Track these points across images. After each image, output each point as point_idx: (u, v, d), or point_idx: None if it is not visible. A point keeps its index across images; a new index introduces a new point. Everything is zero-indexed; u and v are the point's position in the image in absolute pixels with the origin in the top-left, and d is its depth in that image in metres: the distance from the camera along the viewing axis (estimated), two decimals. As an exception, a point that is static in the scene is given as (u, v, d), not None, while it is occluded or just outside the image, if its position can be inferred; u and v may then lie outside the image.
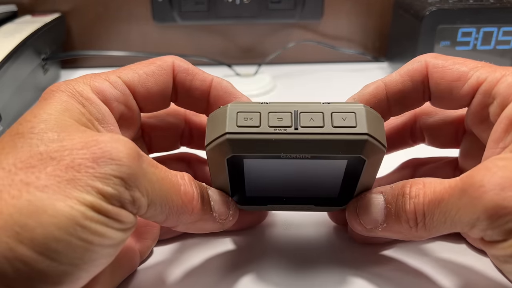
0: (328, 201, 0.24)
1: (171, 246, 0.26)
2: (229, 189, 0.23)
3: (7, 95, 0.40)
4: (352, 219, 0.22)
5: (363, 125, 0.19)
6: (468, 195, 0.17)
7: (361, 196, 0.22)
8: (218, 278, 0.24)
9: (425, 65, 0.22)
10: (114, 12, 0.55)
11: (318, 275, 0.24)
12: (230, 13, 0.54)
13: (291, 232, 0.27)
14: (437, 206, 0.19)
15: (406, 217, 0.20)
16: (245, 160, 0.21)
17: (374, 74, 0.55)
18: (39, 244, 0.14)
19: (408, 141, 0.27)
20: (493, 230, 0.17)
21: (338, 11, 0.56)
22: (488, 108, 0.21)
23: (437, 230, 0.19)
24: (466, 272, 0.24)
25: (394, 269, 0.24)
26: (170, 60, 0.23)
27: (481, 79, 0.21)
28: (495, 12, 0.45)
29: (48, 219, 0.14)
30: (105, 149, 0.16)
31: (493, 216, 0.17)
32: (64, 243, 0.15)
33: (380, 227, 0.21)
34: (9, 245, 0.14)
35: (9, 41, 0.43)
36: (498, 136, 0.19)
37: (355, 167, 0.21)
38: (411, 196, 0.20)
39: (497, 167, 0.17)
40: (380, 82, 0.23)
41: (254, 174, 0.22)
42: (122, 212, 0.17)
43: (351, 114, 0.19)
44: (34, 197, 0.15)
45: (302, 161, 0.21)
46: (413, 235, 0.20)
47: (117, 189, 0.16)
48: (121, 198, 0.16)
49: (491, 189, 0.17)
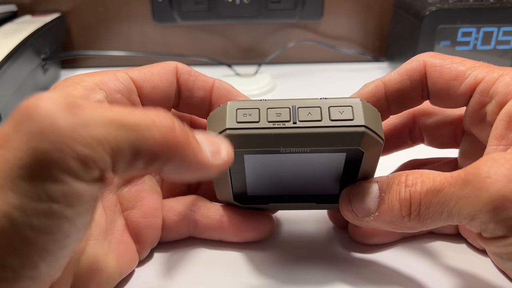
0: (329, 199, 0.24)
1: (172, 247, 0.26)
2: (231, 187, 0.23)
3: (7, 95, 0.40)
4: (344, 206, 0.22)
5: (360, 118, 0.20)
6: (471, 185, 0.17)
7: (356, 184, 0.22)
8: (217, 274, 0.24)
9: (424, 64, 0.22)
10: (114, 12, 0.55)
11: (317, 273, 0.24)
12: (230, 13, 0.54)
13: (292, 229, 0.27)
14: (435, 196, 0.18)
15: (400, 205, 0.19)
16: (245, 156, 0.21)
17: (374, 74, 0.55)
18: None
19: (407, 141, 0.27)
20: (496, 224, 0.16)
21: (338, 11, 0.56)
22: (485, 107, 0.21)
23: (431, 221, 0.19)
24: (466, 272, 0.24)
25: (394, 268, 0.24)
26: (173, 63, 0.24)
27: (479, 79, 0.21)
28: (495, 12, 0.45)
29: None
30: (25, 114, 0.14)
31: (498, 208, 0.16)
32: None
33: (372, 216, 0.21)
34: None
35: (9, 41, 0.43)
36: (499, 134, 0.19)
37: (354, 161, 0.21)
38: (407, 184, 0.19)
39: (505, 159, 0.17)
40: (379, 81, 0.23)
41: (255, 170, 0.22)
42: (65, 188, 0.14)
43: (348, 108, 0.20)
44: None
45: (302, 156, 0.21)
46: (405, 226, 0.20)
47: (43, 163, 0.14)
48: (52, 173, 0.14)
49: (499, 180, 0.16)
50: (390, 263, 0.25)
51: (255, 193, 0.24)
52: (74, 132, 0.14)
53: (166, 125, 0.16)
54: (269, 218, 0.26)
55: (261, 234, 0.26)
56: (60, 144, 0.14)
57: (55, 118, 0.14)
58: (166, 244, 0.26)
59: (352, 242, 0.26)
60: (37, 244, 0.15)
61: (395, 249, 0.26)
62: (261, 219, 0.25)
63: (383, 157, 0.28)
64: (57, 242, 0.15)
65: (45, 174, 0.14)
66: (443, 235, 0.26)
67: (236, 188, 0.23)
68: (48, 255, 0.15)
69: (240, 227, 0.25)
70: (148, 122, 0.16)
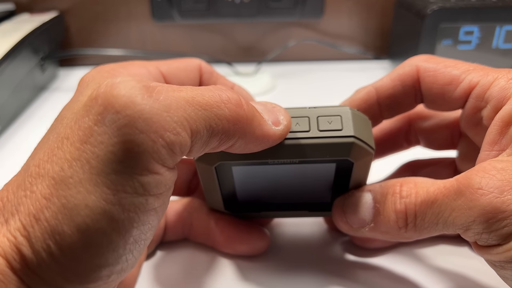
0: (321, 207, 0.24)
1: (173, 247, 0.26)
2: (221, 199, 0.23)
3: (5, 94, 0.40)
4: (338, 218, 0.22)
5: (349, 128, 0.19)
6: (464, 197, 0.17)
7: (348, 194, 0.22)
8: (211, 280, 0.24)
9: (416, 69, 0.22)
10: (113, 10, 0.55)
11: (317, 278, 0.24)
12: (230, 12, 0.53)
13: (290, 232, 0.27)
14: (429, 207, 0.18)
15: (396, 217, 0.19)
16: (233, 167, 0.21)
17: (375, 73, 0.54)
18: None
19: (403, 144, 0.27)
20: (489, 234, 0.17)
21: (339, 10, 0.55)
22: (481, 112, 0.21)
23: (428, 231, 0.19)
24: (468, 275, 0.24)
25: (395, 272, 0.24)
26: (197, 61, 0.24)
27: (473, 83, 0.20)
28: (497, 11, 0.45)
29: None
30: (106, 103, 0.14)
31: (491, 219, 0.16)
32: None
33: (367, 227, 0.21)
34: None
35: (6, 40, 0.42)
36: (492, 139, 0.19)
37: (344, 171, 0.21)
38: (401, 195, 0.19)
39: (496, 170, 0.17)
40: (371, 87, 0.23)
41: (244, 181, 0.22)
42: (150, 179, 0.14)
43: (336, 117, 0.20)
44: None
45: (291, 166, 0.20)
46: (402, 236, 0.20)
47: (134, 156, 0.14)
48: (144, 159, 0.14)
49: (490, 191, 0.16)
50: (391, 266, 0.24)
51: (246, 201, 0.23)
52: (160, 118, 0.14)
53: (235, 102, 0.16)
54: (263, 234, 0.25)
55: (253, 249, 0.25)
56: (150, 133, 0.14)
57: (139, 106, 0.14)
58: (164, 245, 0.26)
59: (352, 245, 0.26)
60: (131, 238, 0.14)
61: (397, 252, 0.25)
62: (254, 234, 0.25)
63: (380, 159, 0.27)
64: (144, 234, 0.15)
65: (140, 166, 0.14)
66: (444, 238, 0.26)
67: (226, 197, 0.23)
68: (135, 249, 0.15)
69: (231, 238, 0.24)
70: (218, 100, 0.16)
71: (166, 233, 0.25)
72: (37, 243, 0.14)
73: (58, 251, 0.14)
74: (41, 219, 0.14)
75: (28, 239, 0.14)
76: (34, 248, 0.14)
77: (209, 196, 0.23)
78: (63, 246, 0.13)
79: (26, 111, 0.45)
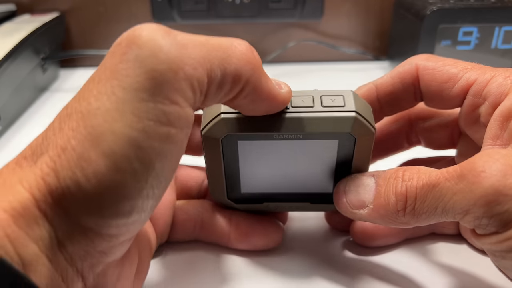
0: (324, 198, 0.24)
1: (176, 247, 0.26)
2: (224, 182, 0.23)
3: (6, 95, 0.40)
4: (338, 197, 0.22)
5: (351, 105, 0.21)
6: (466, 180, 0.17)
7: (351, 176, 0.22)
8: (219, 279, 0.24)
9: (416, 67, 0.22)
10: (114, 11, 0.55)
11: (319, 276, 0.24)
12: (230, 13, 0.54)
13: (292, 231, 0.27)
14: (430, 190, 0.18)
15: (395, 199, 0.19)
16: (239, 142, 0.21)
17: (374, 73, 0.54)
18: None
19: (404, 144, 0.27)
20: (489, 219, 0.16)
21: (338, 10, 0.55)
22: (479, 109, 0.21)
23: (426, 217, 0.19)
24: (468, 273, 0.24)
25: (396, 270, 0.24)
26: None
27: (471, 81, 0.21)
28: (496, 11, 0.45)
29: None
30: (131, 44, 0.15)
31: (492, 202, 0.16)
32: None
33: (366, 209, 0.21)
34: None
35: (8, 41, 0.43)
36: (494, 133, 0.19)
37: (347, 150, 0.21)
38: (404, 179, 0.19)
39: (500, 155, 0.17)
40: (371, 84, 0.24)
41: (248, 160, 0.22)
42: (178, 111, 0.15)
43: (339, 97, 0.21)
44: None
45: (295, 144, 0.21)
46: (399, 221, 0.20)
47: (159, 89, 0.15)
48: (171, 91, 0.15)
49: (493, 174, 0.16)
50: (392, 265, 0.24)
51: (249, 189, 0.24)
52: (179, 53, 0.15)
53: (245, 46, 0.18)
54: (278, 226, 0.25)
55: (269, 242, 0.25)
56: (171, 64, 0.15)
57: (160, 41, 0.15)
58: (172, 246, 0.26)
59: (353, 244, 0.26)
60: (153, 171, 0.15)
61: (397, 251, 0.25)
62: (269, 226, 0.25)
63: (381, 161, 0.28)
64: (164, 171, 0.16)
65: (163, 94, 0.15)
66: (444, 236, 0.26)
67: (230, 182, 0.23)
68: (156, 186, 0.16)
69: (248, 233, 0.24)
70: (230, 43, 0.17)
71: (176, 232, 0.25)
72: (63, 171, 0.14)
73: (84, 178, 0.14)
74: (67, 148, 0.14)
75: (54, 169, 0.14)
76: (60, 177, 0.14)
77: (212, 181, 0.23)
78: (89, 173, 0.14)
79: (26, 112, 0.45)
